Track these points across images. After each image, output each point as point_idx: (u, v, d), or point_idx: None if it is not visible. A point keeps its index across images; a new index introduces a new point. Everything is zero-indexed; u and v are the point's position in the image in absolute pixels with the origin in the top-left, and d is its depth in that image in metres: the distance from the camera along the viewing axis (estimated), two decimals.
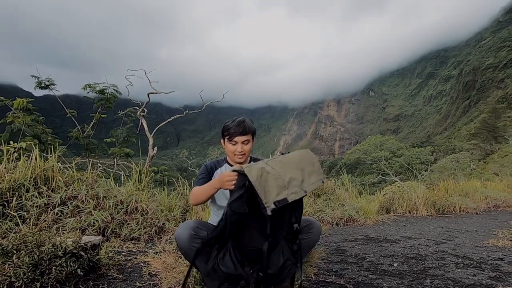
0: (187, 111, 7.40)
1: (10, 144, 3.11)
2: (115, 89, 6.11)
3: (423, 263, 2.51)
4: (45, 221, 2.46)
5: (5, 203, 2.45)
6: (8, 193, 2.50)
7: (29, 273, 1.57)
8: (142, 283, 1.89)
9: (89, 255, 1.87)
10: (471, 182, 8.05)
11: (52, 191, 2.75)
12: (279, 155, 1.51)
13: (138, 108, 6.70)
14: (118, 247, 2.54)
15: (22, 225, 2.32)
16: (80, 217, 2.61)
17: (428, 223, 4.63)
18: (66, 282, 1.68)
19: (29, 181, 2.67)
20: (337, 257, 2.66)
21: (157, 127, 6.54)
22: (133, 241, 2.73)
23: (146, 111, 6.63)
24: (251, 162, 1.96)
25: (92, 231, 2.56)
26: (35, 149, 2.90)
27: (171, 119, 7.01)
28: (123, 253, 2.41)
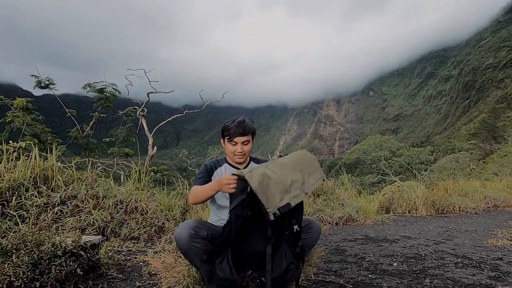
0: (186, 111, 7.38)
1: (9, 143, 3.10)
2: (114, 88, 6.10)
3: (423, 262, 2.51)
4: (45, 220, 2.46)
5: (5, 202, 2.45)
6: (7, 193, 2.50)
7: (29, 273, 1.57)
8: (141, 283, 1.89)
9: (88, 254, 1.87)
10: (471, 182, 8.03)
11: (51, 191, 2.75)
12: (277, 158, 1.49)
13: (137, 107, 6.68)
14: (117, 247, 2.54)
15: (21, 224, 2.31)
16: (79, 217, 2.61)
17: (427, 223, 4.64)
18: (65, 281, 1.68)
19: (29, 180, 2.67)
20: (336, 256, 2.66)
21: (157, 127, 6.52)
22: (133, 241, 2.73)
23: (145, 110, 6.61)
24: (251, 162, 1.96)
25: (91, 230, 2.56)
26: (35, 148, 2.89)
27: (170, 119, 7.00)
28: (122, 253, 2.41)
